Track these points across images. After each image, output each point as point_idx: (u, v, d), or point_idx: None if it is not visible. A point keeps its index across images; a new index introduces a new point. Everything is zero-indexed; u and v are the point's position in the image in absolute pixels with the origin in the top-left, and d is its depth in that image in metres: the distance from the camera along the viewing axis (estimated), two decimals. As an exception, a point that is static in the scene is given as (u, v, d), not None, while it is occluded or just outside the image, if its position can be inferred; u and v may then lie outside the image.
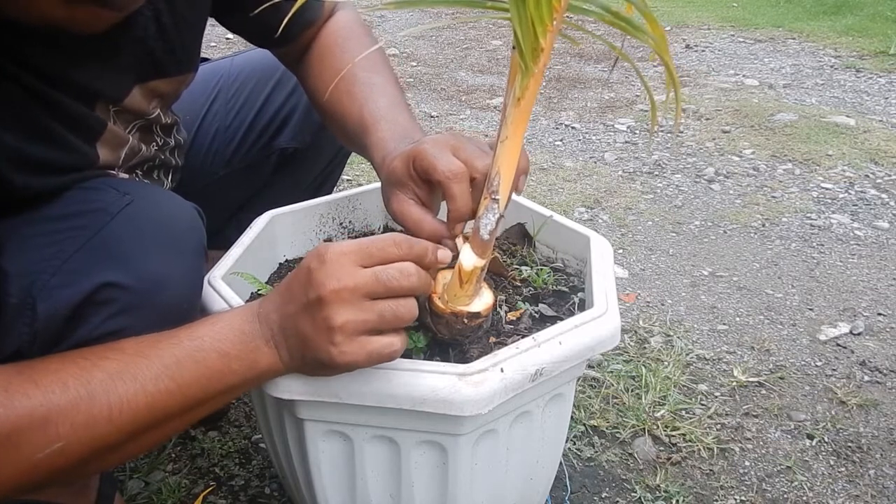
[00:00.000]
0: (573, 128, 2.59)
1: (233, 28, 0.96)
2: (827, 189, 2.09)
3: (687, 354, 1.34)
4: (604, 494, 1.03)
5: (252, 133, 1.10)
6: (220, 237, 0.99)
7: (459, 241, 0.73)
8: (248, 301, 0.82)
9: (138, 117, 0.83)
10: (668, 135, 2.50)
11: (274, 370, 0.64)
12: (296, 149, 1.11)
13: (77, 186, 0.73)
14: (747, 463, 1.10)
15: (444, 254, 0.66)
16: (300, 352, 0.62)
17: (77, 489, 0.85)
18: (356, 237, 0.86)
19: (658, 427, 1.14)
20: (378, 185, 1.05)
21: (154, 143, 0.89)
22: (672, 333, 1.40)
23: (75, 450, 0.58)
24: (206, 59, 1.09)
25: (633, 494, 1.03)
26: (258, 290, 0.84)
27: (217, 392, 0.63)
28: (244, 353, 0.63)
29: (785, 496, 1.04)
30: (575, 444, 1.11)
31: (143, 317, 0.66)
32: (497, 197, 0.66)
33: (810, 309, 1.50)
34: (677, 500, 1.02)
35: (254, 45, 1.01)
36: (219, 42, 3.46)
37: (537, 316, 0.83)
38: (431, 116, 2.70)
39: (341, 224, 1.01)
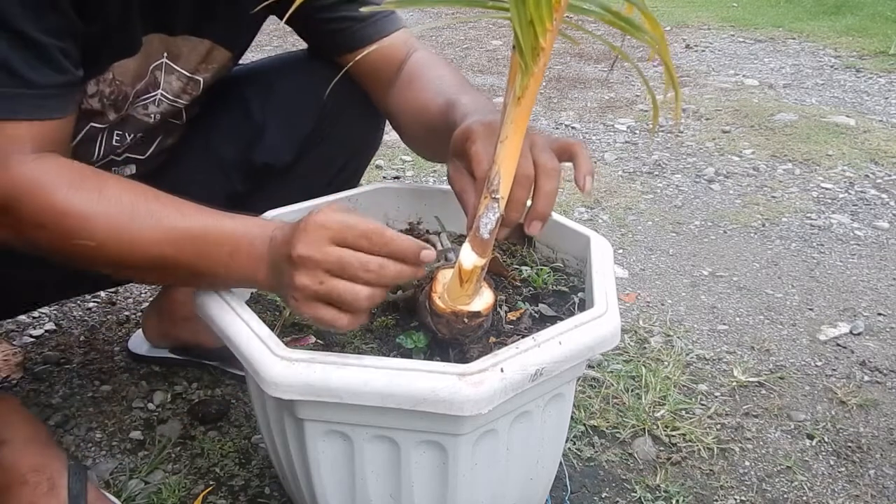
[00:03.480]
0: (573, 128, 2.59)
1: (306, 31, 1.05)
2: (827, 189, 2.09)
3: (687, 354, 1.34)
4: (604, 494, 1.03)
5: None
6: None
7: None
8: (247, 302, 0.82)
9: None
10: (668, 135, 2.50)
11: (263, 286, 0.76)
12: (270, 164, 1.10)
13: None
14: (747, 463, 1.10)
15: (428, 254, 0.69)
16: (278, 286, 0.73)
17: (46, 489, 0.86)
18: None
19: (658, 427, 1.14)
20: (377, 186, 1.06)
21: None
22: (672, 333, 1.40)
23: (91, 254, 0.72)
24: None
25: (633, 494, 1.03)
26: (258, 290, 0.84)
27: (210, 274, 0.75)
28: (248, 262, 0.73)
29: (785, 496, 1.04)
30: (575, 444, 1.11)
31: None
32: (497, 196, 0.66)
33: (810, 309, 1.50)
34: (677, 500, 1.02)
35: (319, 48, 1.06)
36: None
37: (537, 316, 0.83)
38: (431, 116, 2.70)
39: (341, 224, 1.01)
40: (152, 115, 0.97)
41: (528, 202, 0.77)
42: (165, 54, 0.92)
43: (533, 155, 0.76)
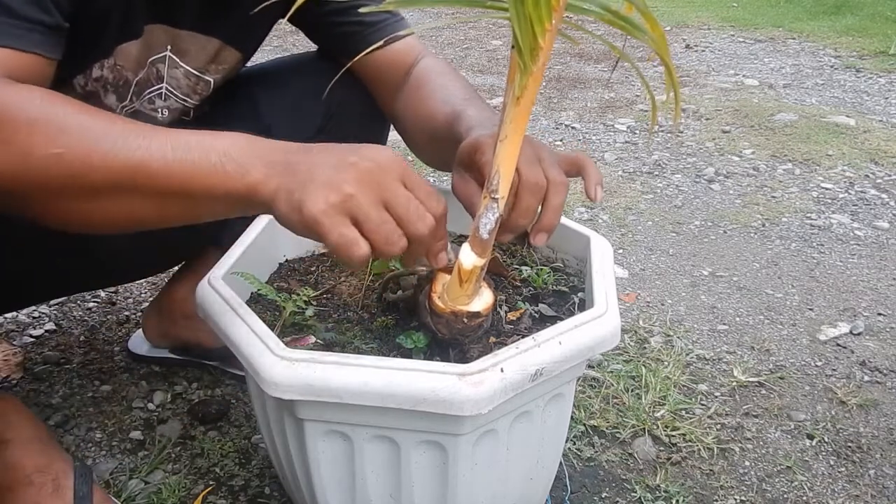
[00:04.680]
0: (573, 128, 2.59)
1: (315, 31, 1.05)
2: (827, 189, 2.09)
3: (687, 354, 1.34)
4: (604, 494, 1.03)
5: None
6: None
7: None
8: (247, 302, 0.82)
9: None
10: (668, 135, 2.50)
11: (252, 191, 0.65)
12: None
13: None
14: (747, 463, 1.10)
15: (442, 258, 0.69)
16: (295, 188, 0.63)
17: (51, 490, 0.86)
18: None
19: (658, 427, 1.14)
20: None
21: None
22: (672, 333, 1.40)
23: (67, 163, 0.64)
24: None
25: (633, 494, 1.03)
26: (258, 290, 0.84)
27: (196, 186, 0.65)
28: (241, 163, 0.65)
29: (785, 496, 1.04)
30: (575, 444, 1.11)
31: None
32: (497, 196, 0.66)
33: (810, 309, 1.50)
34: (677, 500, 1.02)
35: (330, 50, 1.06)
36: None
37: (537, 316, 0.83)
38: (431, 116, 2.70)
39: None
40: (159, 110, 0.97)
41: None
42: (169, 47, 0.93)
43: (542, 168, 0.76)
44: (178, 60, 0.94)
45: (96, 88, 0.89)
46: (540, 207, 0.76)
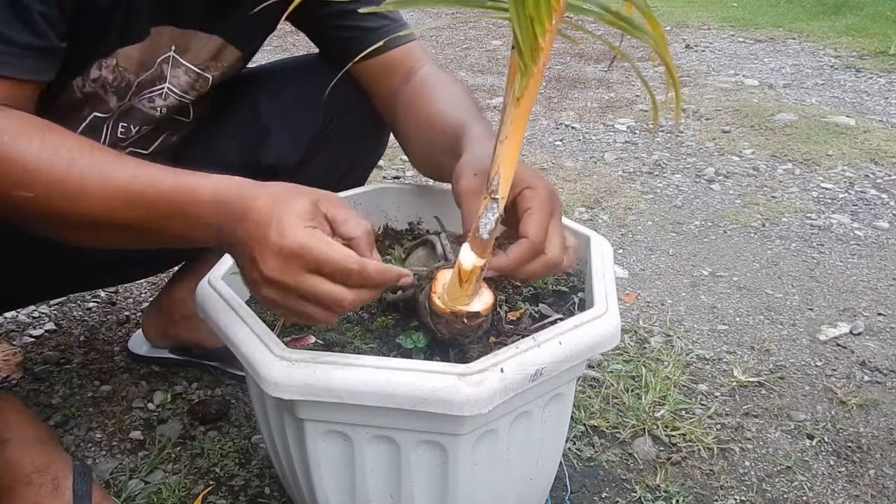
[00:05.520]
0: (573, 128, 2.59)
1: (320, 36, 1.06)
2: (827, 189, 2.09)
3: (687, 354, 1.34)
4: (604, 494, 1.03)
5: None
6: None
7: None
8: (247, 302, 0.82)
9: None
10: (668, 135, 2.50)
11: (211, 243, 0.70)
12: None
13: None
14: (747, 463, 1.10)
15: (405, 282, 0.69)
16: (235, 254, 0.69)
17: (50, 490, 0.86)
18: None
19: (658, 427, 1.14)
20: (378, 186, 1.06)
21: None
22: (672, 333, 1.40)
23: (36, 206, 0.67)
24: None
25: (633, 494, 1.03)
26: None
27: (173, 221, 0.69)
28: (195, 224, 0.69)
29: (785, 496, 1.04)
30: (575, 444, 1.11)
31: None
32: (496, 196, 0.66)
33: (810, 309, 1.50)
34: (677, 500, 1.02)
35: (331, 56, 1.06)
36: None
37: (537, 316, 0.83)
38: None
39: (341, 224, 1.01)
40: (158, 109, 0.97)
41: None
42: (173, 47, 0.93)
43: (555, 237, 0.74)
44: (180, 59, 0.94)
45: (95, 89, 0.89)
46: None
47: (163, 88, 0.95)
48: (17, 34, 0.71)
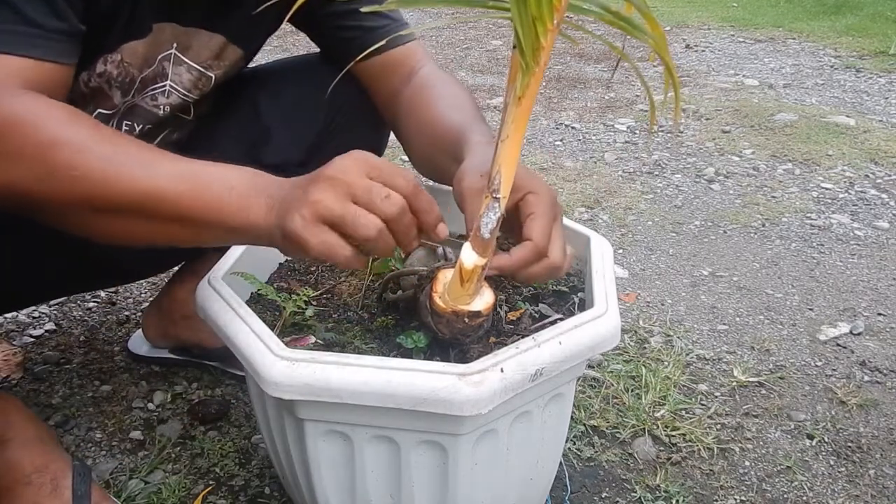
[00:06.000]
0: (573, 128, 2.59)
1: (322, 37, 1.06)
2: (827, 189, 2.09)
3: (687, 354, 1.34)
4: (604, 494, 1.03)
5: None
6: None
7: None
8: (247, 301, 0.82)
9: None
10: (668, 135, 2.50)
11: (255, 225, 0.68)
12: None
13: None
14: (747, 463, 1.10)
15: (443, 228, 0.69)
16: (280, 214, 0.66)
17: (50, 490, 0.86)
18: None
19: (658, 427, 1.14)
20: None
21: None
22: (672, 333, 1.40)
23: (82, 185, 0.66)
24: None
25: (633, 494, 1.03)
26: (258, 290, 0.84)
27: (201, 216, 0.68)
28: (245, 196, 0.68)
29: (785, 496, 1.04)
30: (575, 444, 1.11)
31: None
32: (498, 196, 0.66)
33: (810, 309, 1.50)
34: (677, 500, 1.02)
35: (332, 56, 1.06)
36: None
37: (537, 316, 0.83)
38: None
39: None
40: (161, 107, 0.97)
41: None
42: (175, 45, 0.93)
43: (557, 240, 0.75)
44: (182, 57, 0.95)
45: (100, 84, 0.89)
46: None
47: (165, 86, 0.95)
48: (43, 17, 0.72)
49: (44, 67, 0.73)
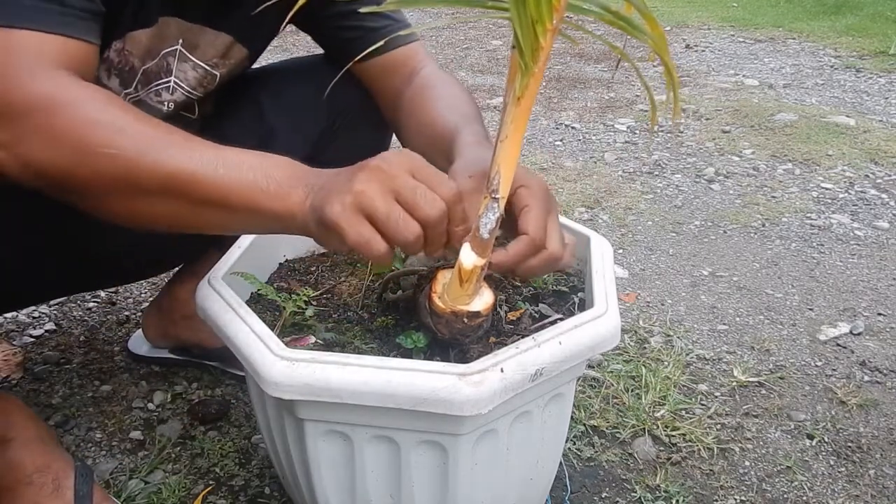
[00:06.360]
0: (573, 128, 2.59)
1: (324, 37, 1.05)
2: (827, 189, 2.09)
3: (687, 354, 1.34)
4: (604, 494, 1.03)
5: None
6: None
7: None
8: (247, 301, 0.82)
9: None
10: (668, 135, 2.50)
11: (291, 213, 0.67)
12: None
13: None
14: (747, 463, 1.10)
15: (466, 228, 0.68)
16: (318, 201, 0.66)
17: (51, 490, 0.86)
18: None
19: (658, 427, 1.14)
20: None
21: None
22: (672, 333, 1.40)
23: (120, 164, 0.67)
24: None
25: (633, 494, 1.03)
26: (258, 290, 0.84)
27: (238, 200, 0.67)
28: (283, 184, 0.67)
29: (785, 496, 1.04)
30: (575, 444, 1.11)
31: None
32: (497, 196, 0.66)
33: (810, 309, 1.50)
34: (677, 500, 1.02)
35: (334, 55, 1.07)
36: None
37: (537, 316, 0.83)
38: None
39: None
40: (165, 103, 0.97)
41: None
42: (181, 41, 0.93)
43: (554, 233, 0.74)
44: (187, 54, 0.95)
45: (99, 72, 0.89)
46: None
47: (169, 82, 0.96)
48: None
49: (76, 45, 0.73)
